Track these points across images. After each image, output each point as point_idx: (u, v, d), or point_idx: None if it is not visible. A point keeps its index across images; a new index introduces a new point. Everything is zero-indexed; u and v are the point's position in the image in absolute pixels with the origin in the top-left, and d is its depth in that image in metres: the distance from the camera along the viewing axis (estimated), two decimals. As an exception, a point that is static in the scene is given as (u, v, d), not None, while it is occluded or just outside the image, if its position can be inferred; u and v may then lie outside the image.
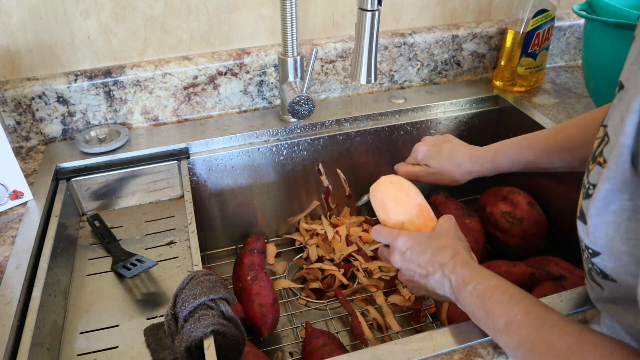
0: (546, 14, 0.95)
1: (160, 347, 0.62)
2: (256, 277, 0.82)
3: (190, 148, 0.88)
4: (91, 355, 0.62)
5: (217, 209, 0.95)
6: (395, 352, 0.54)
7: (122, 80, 0.87)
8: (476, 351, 0.54)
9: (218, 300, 0.57)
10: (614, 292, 0.46)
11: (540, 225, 0.89)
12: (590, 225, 0.42)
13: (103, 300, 0.69)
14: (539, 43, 0.98)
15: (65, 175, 0.82)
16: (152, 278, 0.73)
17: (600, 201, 0.40)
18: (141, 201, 0.87)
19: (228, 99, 0.95)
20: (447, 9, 1.03)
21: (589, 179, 0.43)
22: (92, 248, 0.77)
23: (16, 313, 0.58)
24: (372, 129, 0.96)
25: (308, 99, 0.84)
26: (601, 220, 0.41)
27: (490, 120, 1.03)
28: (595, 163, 0.42)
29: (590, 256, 0.45)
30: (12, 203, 0.74)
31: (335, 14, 0.96)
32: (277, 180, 0.96)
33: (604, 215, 0.41)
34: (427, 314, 0.86)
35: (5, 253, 0.66)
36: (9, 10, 0.79)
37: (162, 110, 0.92)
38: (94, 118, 0.89)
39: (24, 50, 0.83)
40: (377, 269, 0.91)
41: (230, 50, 0.92)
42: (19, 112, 0.84)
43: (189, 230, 0.72)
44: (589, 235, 0.43)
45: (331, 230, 0.96)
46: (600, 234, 0.42)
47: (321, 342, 0.73)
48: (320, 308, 0.90)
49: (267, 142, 0.91)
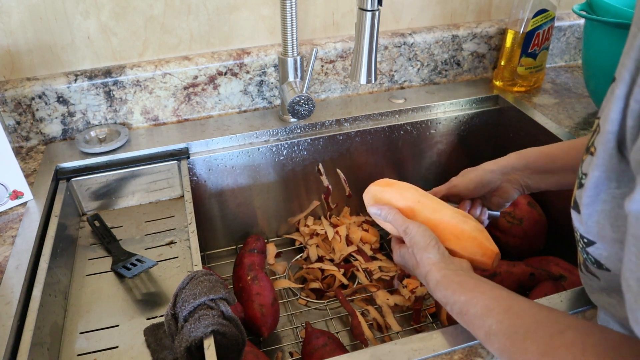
0: (546, 14, 0.95)
1: (160, 347, 0.62)
2: (256, 277, 0.82)
3: (190, 148, 0.88)
4: (91, 355, 0.62)
5: (217, 209, 0.95)
6: (395, 352, 0.54)
7: (122, 80, 0.87)
8: (476, 351, 0.54)
9: (218, 300, 0.57)
10: (609, 281, 0.46)
11: (540, 225, 0.89)
12: (584, 214, 0.43)
13: (103, 300, 0.69)
14: (539, 43, 0.98)
15: (65, 175, 0.82)
16: (152, 278, 0.73)
17: (592, 189, 0.41)
18: (141, 201, 0.87)
19: (228, 99, 0.95)
20: (447, 9, 1.03)
21: (582, 169, 0.44)
22: (92, 248, 0.77)
23: (16, 313, 0.58)
24: (372, 129, 0.96)
25: (308, 99, 0.84)
26: (593, 209, 0.42)
27: (490, 120, 1.03)
28: (588, 153, 0.43)
29: (585, 245, 0.45)
30: (12, 203, 0.74)
31: (335, 14, 0.96)
32: (277, 180, 0.96)
33: (596, 204, 0.42)
34: (427, 314, 0.86)
35: (5, 253, 0.66)
36: (9, 10, 0.79)
37: (162, 110, 0.92)
38: (94, 118, 0.89)
39: (24, 50, 0.83)
40: (377, 269, 0.91)
41: (230, 50, 0.92)
42: (19, 112, 0.84)
43: (189, 230, 0.72)
44: (583, 224, 0.44)
45: (331, 230, 0.96)
46: (592, 222, 0.43)
47: (321, 342, 0.73)
48: (320, 308, 0.90)
49: (267, 142, 0.91)
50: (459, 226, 0.60)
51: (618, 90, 0.37)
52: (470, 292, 0.51)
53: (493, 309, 0.48)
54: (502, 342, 0.46)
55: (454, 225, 0.60)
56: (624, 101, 0.37)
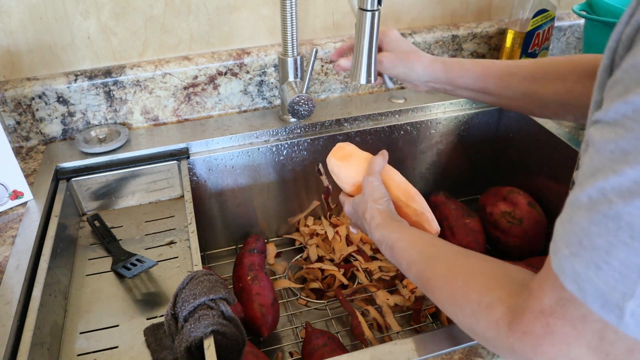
0: (546, 14, 0.95)
1: (160, 347, 0.62)
2: (256, 277, 0.82)
3: (190, 148, 0.88)
4: (91, 355, 0.62)
5: (217, 209, 0.95)
6: (395, 352, 0.54)
7: (122, 80, 0.87)
8: (476, 351, 0.54)
9: (218, 300, 0.57)
10: None
11: (540, 225, 0.89)
12: None
13: (103, 300, 0.69)
14: (539, 43, 0.98)
15: (65, 175, 0.82)
16: (152, 278, 0.73)
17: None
18: (141, 201, 0.87)
19: (228, 99, 0.95)
20: (447, 9, 1.03)
21: (580, 152, 0.44)
22: (92, 248, 0.77)
23: (16, 313, 0.58)
24: (372, 129, 0.96)
25: (308, 99, 0.84)
26: None
27: (490, 120, 1.03)
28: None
29: None
30: (12, 203, 0.74)
31: (335, 14, 0.96)
32: (277, 180, 0.96)
33: None
34: (427, 314, 0.86)
35: (5, 253, 0.66)
36: (9, 10, 0.79)
37: (162, 110, 0.92)
38: (94, 118, 0.89)
39: (24, 50, 0.83)
40: (377, 269, 0.91)
41: (230, 50, 0.92)
42: (19, 112, 0.84)
43: (189, 230, 0.72)
44: None
45: (331, 230, 0.96)
46: None
47: (321, 342, 0.73)
48: (320, 308, 0.90)
49: (267, 142, 0.91)
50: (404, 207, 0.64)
51: (601, 65, 0.37)
52: (403, 232, 0.56)
53: (419, 243, 0.53)
54: (419, 267, 0.51)
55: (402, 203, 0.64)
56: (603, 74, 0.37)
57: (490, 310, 0.40)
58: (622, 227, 0.29)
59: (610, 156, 0.31)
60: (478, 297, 0.42)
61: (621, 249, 0.29)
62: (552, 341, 0.34)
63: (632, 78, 0.30)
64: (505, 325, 0.38)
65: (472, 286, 0.43)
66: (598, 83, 0.37)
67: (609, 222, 0.30)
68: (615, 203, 0.30)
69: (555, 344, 0.34)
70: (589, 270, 0.31)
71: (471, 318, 0.42)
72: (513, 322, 0.37)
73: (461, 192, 1.10)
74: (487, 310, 0.40)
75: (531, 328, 0.36)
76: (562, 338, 0.34)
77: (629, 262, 0.29)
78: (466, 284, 0.44)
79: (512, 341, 0.37)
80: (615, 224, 0.30)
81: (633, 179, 0.29)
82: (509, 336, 0.38)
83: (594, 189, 0.31)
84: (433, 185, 1.08)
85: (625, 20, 0.34)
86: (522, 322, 0.36)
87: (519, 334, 0.37)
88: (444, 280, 0.47)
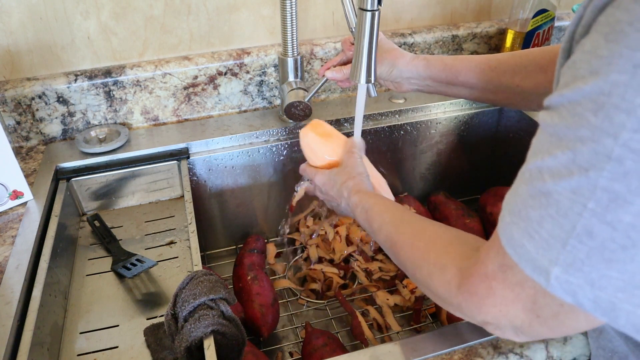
0: (546, 14, 0.95)
1: (160, 347, 0.62)
2: (256, 277, 0.82)
3: (190, 148, 0.88)
4: (91, 355, 0.62)
5: (217, 209, 0.95)
6: (395, 352, 0.54)
7: (122, 80, 0.87)
8: (476, 351, 0.54)
9: (218, 300, 0.57)
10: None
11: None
12: None
13: (103, 300, 0.69)
14: (539, 43, 0.98)
15: (65, 175, 0.82)
16: (152, 278, 0.73)
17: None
18: (141, 201, 0.87)
19: (228, 99, 0.95)
20: (447, 9, 1.03)
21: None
22: (92, 248, 0.77)
23: (16, 313, 0.58)
24: (372, 129, 0.96)
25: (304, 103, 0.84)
26: None
27: (490, 120, 1.03)
28: None
29: None
30: (12, 203, 0.74)
31: (335, 14, 0.96)
32: (277, 181, 0.96)
33: None
34: (427, 314, 0.86)
35: (5, 253, 0.66)
36: (9, 10, 0.79)
37: (162, 110, 0.92)
38: (94, 118, 0.89)
39: (24, 50, 0.83)
40: (377, 269, 0.91)
41: (230, 50, 0.92)
42: (19, 112, 0.84)
43: (189, 230, 0.72)
44: None
45: (331, 230, 0.96)
46: None
47: (321, 342, 0.73)
48: (320, 308, 0.90)
49: (267, 142, 0.91)
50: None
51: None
52: (380, 199, 0.59)
53: (392, 210, 0.56)
54: (388, 230, 0.54)
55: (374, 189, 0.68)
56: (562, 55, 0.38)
57: (444, 271, 0.44)
58: (550, 203, 0.33)
59: (549, 139, 0.34)
60: (435, 258, 0.46)
61: (549, 222, 0.33)
62: (494, 302, 0.39)
63: (579, 67, 0.32)
64: (455, 286, 0.42)
65: (432, 249, 0.47)
66: (557, 66, 0.39)
67: (542, 197, 0.34)
68: (547, 182, 0.33)
69: (496, 305, 0.39)
70: (523, 238, 0.35)
71: (427, 278, 0.46)
72: (461, 284, 0.41)
73: (461, 192, 1.10)
74: (441, 271, 0.44)
75: (476, 289, 0.40)
76: (502, 300, 0.38)
77: (554, 234, 0.33)
78: (427, 246, 0.48)
79: (460, 300, 0.42)
80: (547, 200, 0.33)
81: (562, 163, 0.32)
82: (457, 295, 0.42)
83: (534, 166, 0.35)
84: (433, 185, 1.08)
85: (585, 3, 0.35)
86: (469, 283, 0.40)
87: (466, 294, 0.41)
88: (409, 242, 0.50)
